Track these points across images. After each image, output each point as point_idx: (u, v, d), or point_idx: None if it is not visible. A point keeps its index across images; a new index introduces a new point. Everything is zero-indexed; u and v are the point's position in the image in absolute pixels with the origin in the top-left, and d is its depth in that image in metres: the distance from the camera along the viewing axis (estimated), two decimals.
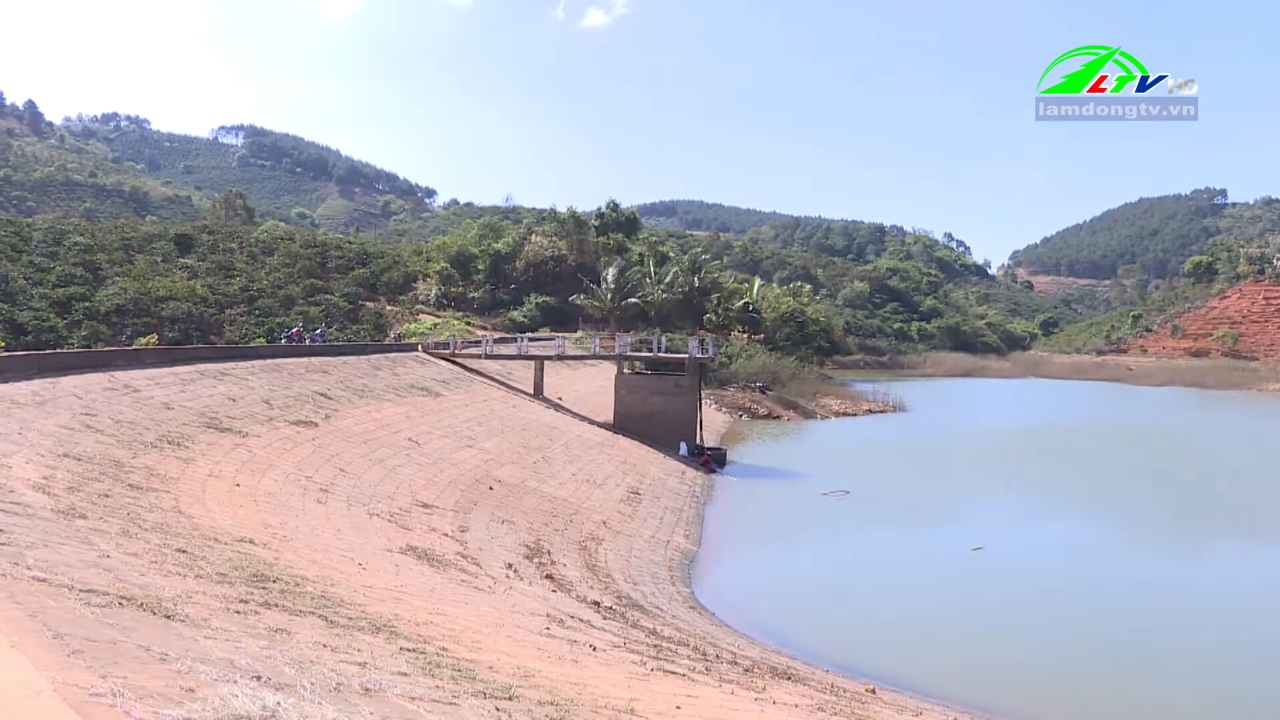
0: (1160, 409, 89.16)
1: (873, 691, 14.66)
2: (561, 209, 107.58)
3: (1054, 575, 26.37)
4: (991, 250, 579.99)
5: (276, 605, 8.64)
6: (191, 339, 52.28)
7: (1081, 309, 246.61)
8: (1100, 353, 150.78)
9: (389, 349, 45.31)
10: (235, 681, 5.00)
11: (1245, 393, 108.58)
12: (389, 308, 75.73)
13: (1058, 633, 21.14)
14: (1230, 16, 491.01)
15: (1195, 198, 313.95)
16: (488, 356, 48.07)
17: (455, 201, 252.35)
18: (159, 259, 70.55)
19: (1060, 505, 37.93)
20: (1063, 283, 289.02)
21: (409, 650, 7.95)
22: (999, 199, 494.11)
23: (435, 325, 69.29)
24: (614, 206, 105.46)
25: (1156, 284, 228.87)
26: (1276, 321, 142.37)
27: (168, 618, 6.77)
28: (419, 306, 79.23)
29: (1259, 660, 19.66)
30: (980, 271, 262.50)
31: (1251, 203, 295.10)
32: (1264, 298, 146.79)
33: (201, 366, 27.82)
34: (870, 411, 70.32)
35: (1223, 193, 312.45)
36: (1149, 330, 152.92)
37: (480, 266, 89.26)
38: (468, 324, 75.16)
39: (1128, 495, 41.14)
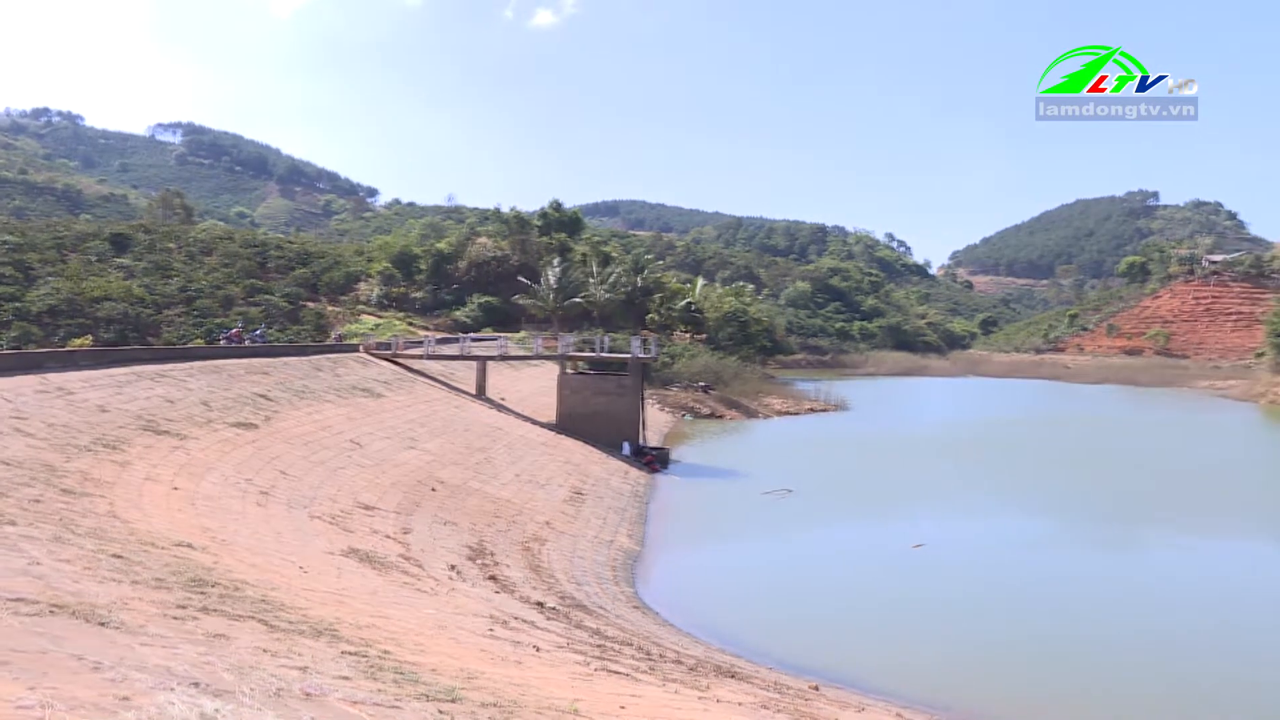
0: (1096, 406, 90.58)
1: (816, 688, 14.74)
2: (505, 209, 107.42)
3: (994, 571, 26.71)
4: (932, 250, 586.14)
5: (215, 610, 8.51)
6: (128, 340, 51.37)
7: (1020, 308, 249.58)
8: (1038, 351, 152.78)
9: (330, 350, 44.83)
10: (172, 689, 4.91)
11: (1177, 390, 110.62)
12: (330, 308, 75.08)
13: (998, 628, 21.42)
14: (1158, 22, 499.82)
15: (1129, 199, 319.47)
16: (430, 357, 47.76)
17: (398, 201, 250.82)
18: (94, 258, 69.36)
19: (1000, 501, 38.34)
20: (1002, 282, 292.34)
21: (351, 654, 7.87)
22: (940, 200, 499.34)
23: (377, 326, 68.76)
24: (557, 206, 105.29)
25: (1093, 284, 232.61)
26: (1206, 320, 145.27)
27: (101, 625, 6.64)
28: (360, 307, 78.64)
29: (1194, 650, 20.01)
30: (921, 271, 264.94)
31: (1182, 205, 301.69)
32: (1194, 297, 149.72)
33: (138, 368, 27.30)
34: (812, 410, 70.74)
35: (1155, 195, 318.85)
36: (1085, 329, 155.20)
37: (422, 267, 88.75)
38: (410, 324, 74.70)
39: (1065, 491, 41.79)
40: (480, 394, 45.31)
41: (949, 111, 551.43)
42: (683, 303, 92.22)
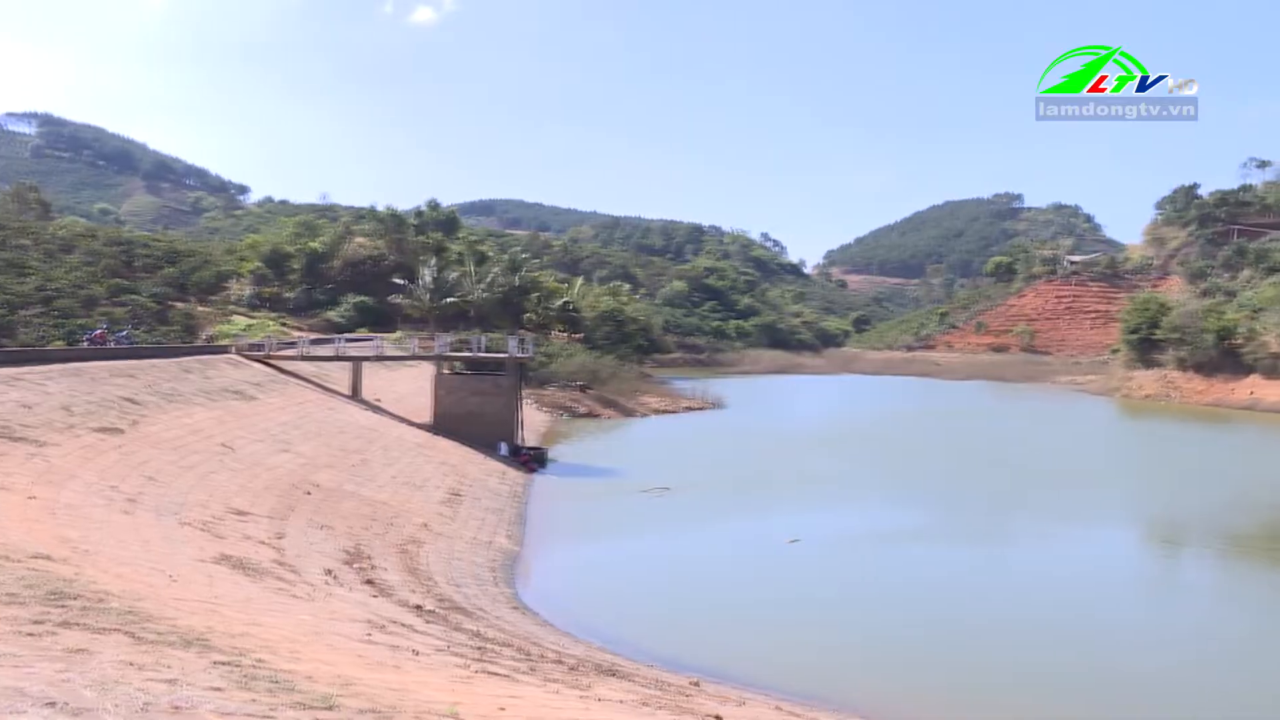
0: (965, 401, 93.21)
1: (696, 684, 14.88)
2: (380, 208, 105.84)
3: (867, 563, 27.36)
4: (807, 250, 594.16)
5: (76, 624, 8.25)
6: None
7: (892, 306, 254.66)
8: (910, 349, 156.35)
9: (200, 351, 43.71)
10: (24, 712, 4.75)
11: (1040, 385, 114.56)
12: (200, 308, 73.03)
13: (872, 620, 21.97)
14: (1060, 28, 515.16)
15: (995, 201, 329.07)
16: (304, 358, 46.89)
17: (270, 199, 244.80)
18: None
19: (873, 495, 39.21)
20: (874, 281, 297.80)
21: (223, 664, 7.70)
22: (814, 200, 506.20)
23: (249, 326, 67.17)
24: (434, 205, 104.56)
25: (961, 283, 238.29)
26: (1067, 318, 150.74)
27: None
28: (231, 307, 76.67)
29: (1053, 635, 20.85)
30: (795, 271, 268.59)
31: (1044, 207, 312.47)
32: (1056, 296, 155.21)
33: None
34: (689, 409, 71.33)
35: (1020, 197, 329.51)
36: (954, 327, 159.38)
37: (296, 266, 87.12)
38: (283, 325, 73.09)
39: (935, 484, 42.96)
40: (355, 395, 44.69)
41: (822, 113, 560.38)
42: (560, 302, 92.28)
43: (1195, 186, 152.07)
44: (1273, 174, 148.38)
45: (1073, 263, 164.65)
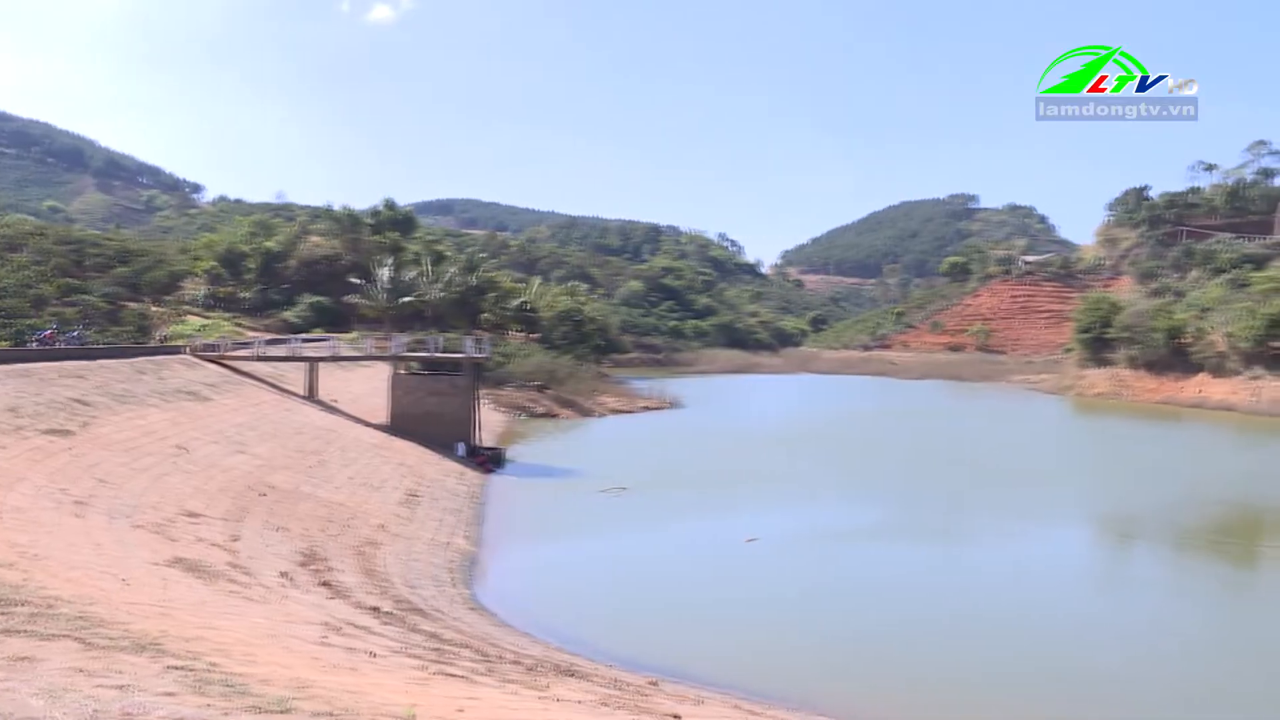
0: (921, 400, 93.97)
1: (655, 684, 14.91)
2: (336, 207, 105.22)
3: (824, 562, 27.55)
4: (763, 250, 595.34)
5: (22, 631, 8.15)
6: None
7: (849, 306, 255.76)
8: (866, 348, 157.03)
9: (153, 352, 43.20)
10: None
11: (994, 384, 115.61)
12: (153, 309, 72.14)
13: (830, 618, 22.13)
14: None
15: (951, 202, 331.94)
16: (259, 359, 46.51)
17: (224, 198, 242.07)
18: None
19: (831, 494, 39.40)
20: (831, 281, 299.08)
21: (176, 668, 7.65)
22: (771, 200, 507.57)
23: (203, 327, 66.52)
24: (390, 205, 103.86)
25: (917, 283, 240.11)
26: (1021, 318, 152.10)
27: None
28: (186, 307, 75.83)
29: (1017, 633, 21.18)
30: (752, 270, 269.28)
31: (999, 208, 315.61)
32: (1010, 296, 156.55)
33: None
34: (647, 408, 71.40)
35: (975, 198, 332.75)
36: (910, 326, 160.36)
37: (251, 266, 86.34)
38: (238, 325, 72.44)
39: (892, 482, 43.27)
40: (311, 396, 44.40)
41: (780, 113, 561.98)
42: (517, 302, 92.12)
43: (1146, 188, 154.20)
44: (1219, 177, 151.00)
45: (1027, 263, 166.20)
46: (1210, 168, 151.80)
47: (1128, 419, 76.74)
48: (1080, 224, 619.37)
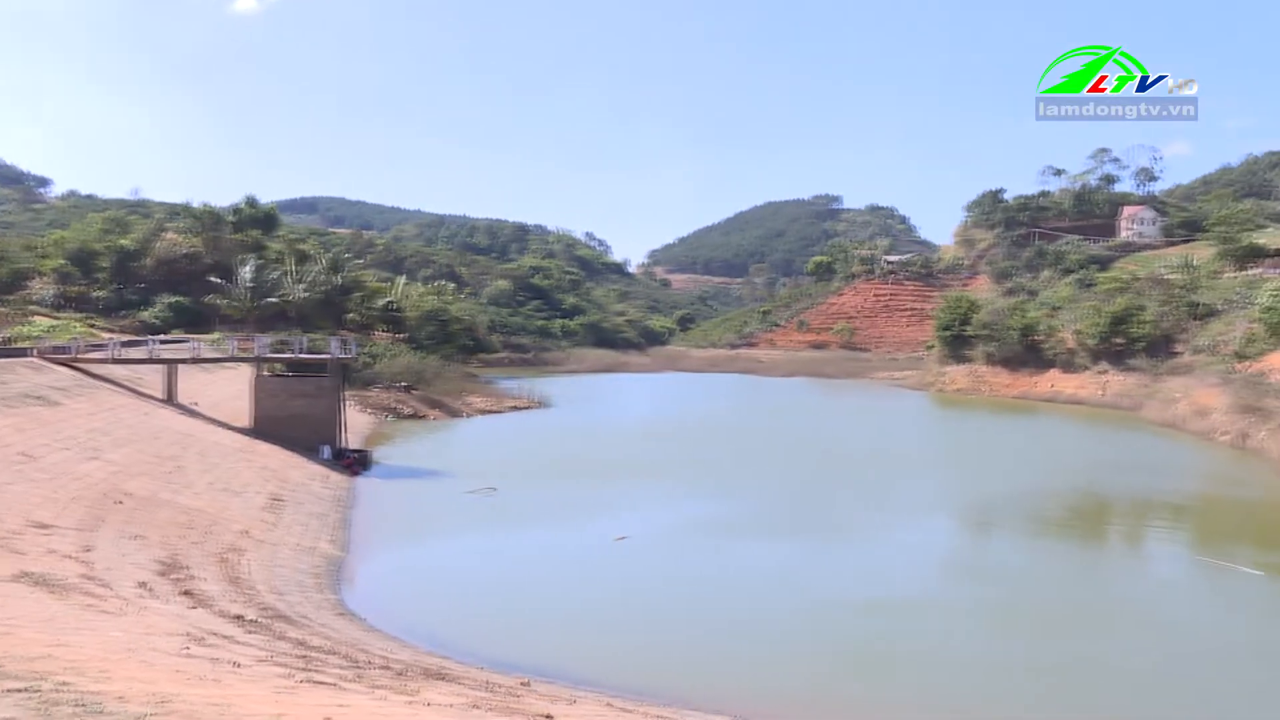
0: (789, 397, 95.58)
1: (526, 684, 14.92)
2: (196, 204, 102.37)
3: (692, 559, 27.89)
4: (631, 249, 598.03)
5: None
6: None
7: (716, 305, 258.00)
8: (734, 346, 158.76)
9: None
10: None
11: (860, 380, 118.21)
12: None
13: (700, 612, 22.43)
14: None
15: (815, 202, 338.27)
16: (114, 361, 45.00)
17: (74, 193, 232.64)
18: None
19: (698, 491, 39.70)
20: (699, 280, 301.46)
21: (19, 690, 7.36)
22: (638, 200, 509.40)
23: (53, 328, 64.06)
24: (252, 202, 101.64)
25: (784, 282, 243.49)
26: (884, 316, 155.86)
27: None
28: (32, 307, 72.94)
29: (882, 622, 21.78)
30: (620, 270, 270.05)
31: (862, 209, 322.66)
32: (874, 295, 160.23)
33: None
34: (515, 408, 71.19)
35: (838, 199, 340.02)
36: (777, 325, 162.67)
37: (104, 264, 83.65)
38: (91, 326, 69.92)
39: (761, 477, 43.95)
40: (170, 399, 43.19)
41: (647, 114, 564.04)
42: (383, 302, 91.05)
43: (1001, 191, 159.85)
44: (1066, 181, 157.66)
45: (889, 262, 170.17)
46: (1059, 172, 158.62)
47: (986, 413, 79.55)
48: (940, 225, 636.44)
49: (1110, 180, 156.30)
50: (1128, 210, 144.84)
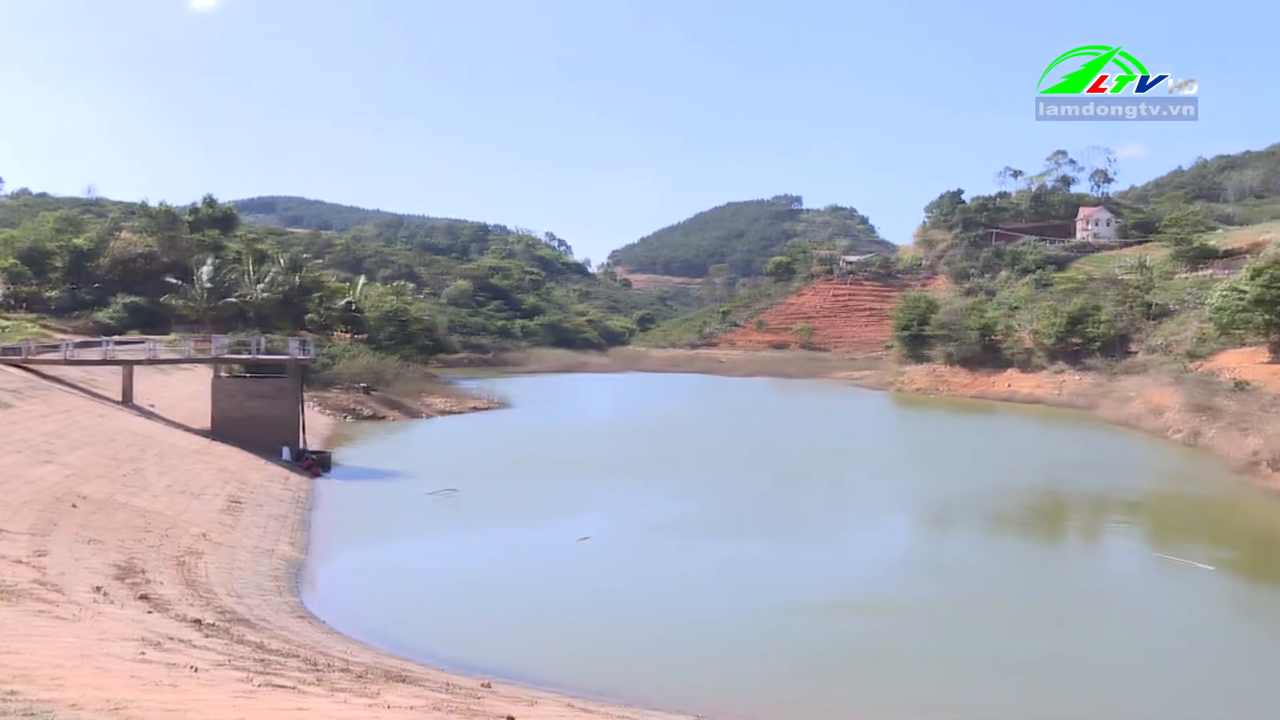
0: (749, 397, 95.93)
1: (488, 686, 14.91)
2: (153, 203, 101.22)
3: (654, 559, 28.00)
4: (591, 249, 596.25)
5: None
6: None
7: (676, 305, 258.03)
8: (694, 346, 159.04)
9: None
10: None
11: (819, 380, 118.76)
12: None
13: (661, 612, 22.52)
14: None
15: (775, 203, 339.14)
16: (69, 362, 44.51)
17: (26, 191, 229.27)
18: None
19: (660, 491, 39.78)
20: (659, 280, 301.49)
21: None
22: (599, 200, 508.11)
23: (4, 329, 63.29)
24: (210, 202, 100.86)
25: (744, 282, 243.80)
26: (843, 316, 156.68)
27: None
28: None
29: (838, 619, 21.96)
30: (581, 270, 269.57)
31: (822, 209, 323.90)
32: (833, 295, 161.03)
33: None
34: (476, 409, 71.04)
35: (798, 199, 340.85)
36: (736, 325, 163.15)
37: (58, 264, 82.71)
38: (44, 327, 69.14)
39: (722, 477, 44.14)
40: (127, 401, 42.76)
41: (605, 114, 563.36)
42: (342, 302, 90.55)
43: (960, 192, 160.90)
44: (1024, 183, 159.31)
45: (849, 263, 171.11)
46: (1017, 174, 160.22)
47: (945, 412, 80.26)
48: (899, 225, 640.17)
49: (1067, 182, 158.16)
50: (1084, 211, 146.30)
